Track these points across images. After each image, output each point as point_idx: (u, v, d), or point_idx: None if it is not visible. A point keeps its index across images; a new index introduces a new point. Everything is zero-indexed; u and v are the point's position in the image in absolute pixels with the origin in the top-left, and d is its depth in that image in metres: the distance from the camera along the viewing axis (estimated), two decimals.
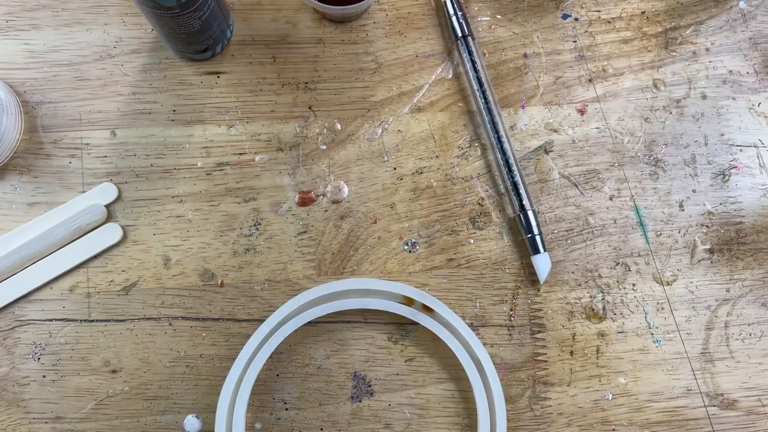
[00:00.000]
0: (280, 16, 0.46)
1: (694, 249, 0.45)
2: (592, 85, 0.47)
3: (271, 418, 0.41)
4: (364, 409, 0.41)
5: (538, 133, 0.46)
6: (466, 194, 0.45)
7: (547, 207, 0.45)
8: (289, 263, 0.43)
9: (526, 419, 0.42)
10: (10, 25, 0.44)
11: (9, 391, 0.40)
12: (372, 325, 0.42)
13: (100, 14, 0.45)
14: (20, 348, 0.41)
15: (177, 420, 0.40)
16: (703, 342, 0.43)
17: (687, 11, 0.48)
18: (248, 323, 0.42)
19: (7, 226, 0.42)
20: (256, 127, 0.44)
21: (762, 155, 0.46)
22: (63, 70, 0.44)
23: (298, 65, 0.45)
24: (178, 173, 0.43)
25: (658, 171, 0.46)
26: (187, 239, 0.43)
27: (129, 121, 0.44)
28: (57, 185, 0.43)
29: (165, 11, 0.37)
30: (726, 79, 0.47)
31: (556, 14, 0.48)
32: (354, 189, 0.44)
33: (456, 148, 0.45)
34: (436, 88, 0.46)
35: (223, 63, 0.45)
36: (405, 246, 0.44)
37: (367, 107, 0.45)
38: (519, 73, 0.46)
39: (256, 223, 0.43)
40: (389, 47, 0.46)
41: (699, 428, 0.42)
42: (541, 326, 0.43)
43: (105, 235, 0.42)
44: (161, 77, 0.44)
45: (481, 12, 0.47)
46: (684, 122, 0.47)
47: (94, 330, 0.41)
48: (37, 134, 0.43)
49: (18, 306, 0.41)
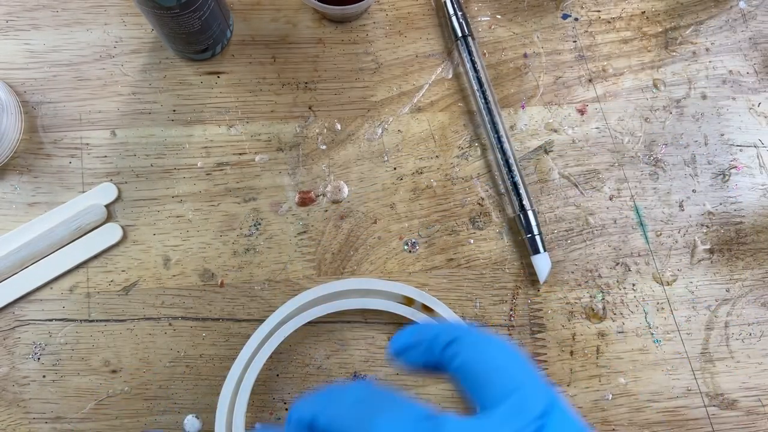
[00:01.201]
0: (280, 16, 0.46)
1: (694, 249, 0.45)
2: (592, 85, 0.47)
3: (271, 418, 0.41)
4: None
5: (538, 133, 0.46)
6: (466, 194, 0.45)
7: (547, 207, 0.45)
8: (289, 263, 0.43)
9: None
10: (10, 25, 0.44)
11: (9, 391, 0.40)
12: (372, 325, 0.42)
13: (100, 14, 0.45)
14: (20, 348, 0.41)
15: (177, 420, 0.40)
16: (703, 342, 0.43)
17: (687, 11, 0.48)
18: (248, 323, 0.42)
19: (7, 226, 0.42)
20: (256, 127, 0.44)
21: (762, 155, 0.46)
22: (63, 70, 0.44)
23: (298, 65, 0.45)
24: (178, 173, 0.43)
25: (658, 171, 0.46)
26: (187, 239, 0.43)
27: (129, 121, 0.44)
28: (57, 185, 0.43)
29: (165, 11, 0.37)
30: (726, 79, 0.47)
31: (556, 14, 0.48)
32: (354, 189, 0.44)
33: (456, 148, 0.45)
34: (436, 88, 0.46)
35: (223, 63, 0.45)
36: (405, 246, 0.44)
37: (367, 107, 0.45)
38: (519, 73, 0.46)
39: (256, 223, 0.43)
40: (389, 47, 0.46)
41: (699, 428, 0.42)
42: (541, 326, 0.43)
43: (105, 235, 0.42)
44: (161, 77, 0.44)
45: (481, 12, 0.47)
46: (684, 122, 0.47)
47: (94, 330, 0.41)
48: (37, 134, 0.43)
49: (18, 306, 0.41)
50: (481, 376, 0.24)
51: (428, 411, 0.23)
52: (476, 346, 0.25)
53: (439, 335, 0.26)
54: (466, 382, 0.24)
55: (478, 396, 0.24)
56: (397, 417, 0.22)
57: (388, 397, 0.23)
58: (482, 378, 0.24)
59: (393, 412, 0.22)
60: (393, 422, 0.22)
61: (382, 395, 0.24)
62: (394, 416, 0.22)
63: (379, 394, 0.24)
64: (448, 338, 0.25)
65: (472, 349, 0.25)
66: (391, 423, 0.22)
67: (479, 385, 0.24)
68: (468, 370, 0.24)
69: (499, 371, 0.24)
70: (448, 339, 0.25)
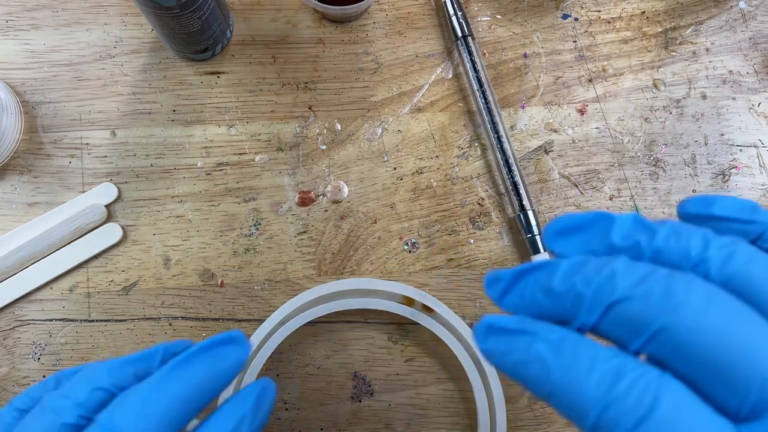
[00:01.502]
0: (280, 16, 0.46)
1: None
2: (592, 85, 0.47)
3: (271, 418, 0.41)
4: (364, 410, 0.41)
5: (538, 133, 0.46)
6: (466, 194, 0.45)
7: (547, 207, 0.45)
8: (289, 263, 0.43)
9: (526, 419, 0.42)
10: (10, 25, 0.44)
11: (9, 391, 0.40)
12: (372, 325, 0.42)
13: (100, 14, 0.45)
14: (20, 348, 0.41)
15: None
16: None
17: (687, 11, 0.48)
18: (248, 323, 0.42)
19: (7, 226, 0.42)
20: (256, 127, 0.44)
21: (762, 155, 0.46)
22: (63, 70, 0.44)
23: (298, 65, 0.45)
24: (178, 173, 0.43)
25: (658, 171, 0.46)
26: (187, 239, 0.43)
27: (129, 121, 0.44)
28: (57, 185, 0.43)
29: (165, 11, 0.37)
30: (726, 79, 0.47)
31: (556, 14, 0.48)
32: (354, 189, 0.44)
33: (456, 148, 0.45)
34: (436, 88, 0.46)
35: (223, 63, 0.45)
36: (405, 246, 0.44)
37: (367, 107, 0.45)
38: (519, 73, 0.47)
39: (256, 223, 0.43)
40: (389, 47, 0.46)
41: None
42: None
43: (105, 235, 0.42)
44: (161, 77, 0.44)
45: (481, 12, 0.47)
46: (684, 122, 0.47)
47: (94, 330, 0.41)
48: (37, 134, 0.43)
49: (18, 306, 0.41)
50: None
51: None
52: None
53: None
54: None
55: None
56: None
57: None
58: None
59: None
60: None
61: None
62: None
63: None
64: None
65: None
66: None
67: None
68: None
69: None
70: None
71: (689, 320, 0.16)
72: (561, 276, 0.18)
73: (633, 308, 0.17)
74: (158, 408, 0.21)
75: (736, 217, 0.19)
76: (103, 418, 0.21)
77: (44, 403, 0.23)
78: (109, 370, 0.23)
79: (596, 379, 0.16)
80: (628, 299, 0.16)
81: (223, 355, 0.24)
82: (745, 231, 0.18)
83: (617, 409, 0.15)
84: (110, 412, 0.21)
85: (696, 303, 0.16)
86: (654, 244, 0.18)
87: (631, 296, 0.16)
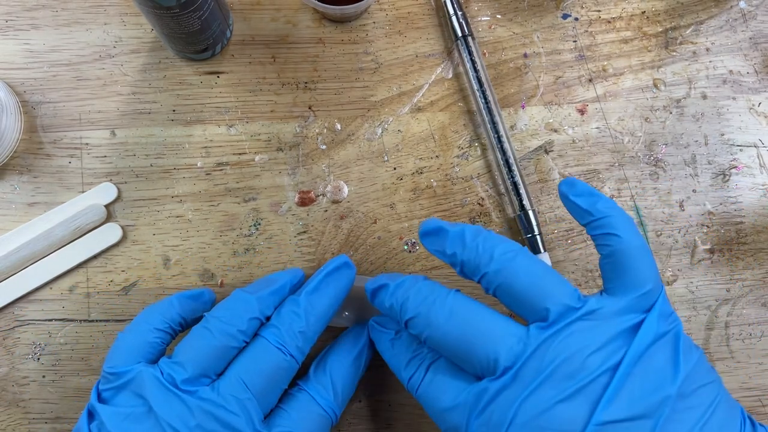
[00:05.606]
0: (280, 16, 0.46)
1: (694, 249, 0.45)
2: (592, 85, 0.47)
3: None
4: (364, 409, 0.41)
5: (538, 133, 0.46)
6: (466, 194, 0.45)
7: (547, 207, 0.45)
8: (289, 263, 0.43)
9: None
10: (10, 25, 0.44)
11: (9, 391, 0.40)
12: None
13: (99, 14, 0.45)
14: (20, 348, 0.41)
15: None
16: (704, 342, 0.43)
17: (687, 11, 0.48)
18: None
19: (7, 226, 0.42)
20: (256, 127, 0.44)
21: (762, 155, 0.46)
22: (63, 70, 0.44)
23: (298, 65, 0.45)
24: (177, 173, 0.43)
25: (658, 171, 0.46)
26: (187, 239, 0.43)
27: (129, 121, 0.44)
28: (57, 185, 0.43)
29: (165, 11, 0.37)
30: (726, 79, 0.47)
31: (556, 14, 0.48)
32: (354, 189, 0.44)
33: (456, 148, 0.45)
34: (436, 88, 0.46)
35: (223, 63, 0.45)
36: (405, 246, 0.44)
37: (367, 107, 0.45)
38: (519, 73, 0.46)
39: (256, 223, 0.43)
40: (389, 47, 0.46)
41: None
42: None
43: (105, 235, 0.42)
44: (161, 77, 0.44)
45: (481, 12, 0.47)
46: (684, 122, 0.47)
47: (94, 330, 0.41)
48: (37, 134, 0.43)
49: (18, 306, 0.41)
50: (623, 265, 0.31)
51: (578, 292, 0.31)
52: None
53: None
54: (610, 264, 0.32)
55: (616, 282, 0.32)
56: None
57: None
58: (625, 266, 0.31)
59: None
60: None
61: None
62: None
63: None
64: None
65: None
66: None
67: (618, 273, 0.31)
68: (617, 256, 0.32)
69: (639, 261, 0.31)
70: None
71: (439, 321, 0.31)
72: (388, 296, 0.33)
73: (418, 321, 0.32)
74: (313, 322, 0.34)
75: (583, 206, 0.33)
76: (283, 323, 0.34)
77: (209, 325, 0.33)
78: (258, 300, 0.34)
79: (405, 360, 0.35)
80: (416, 316, 0.32)
81: (340, 276, 0.36)
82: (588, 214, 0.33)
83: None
84: (288, 321, 0.34)
85: (441, 315, 0.31)
86: (461, 257, 0.32)
87: (416, 314, 0.32)
